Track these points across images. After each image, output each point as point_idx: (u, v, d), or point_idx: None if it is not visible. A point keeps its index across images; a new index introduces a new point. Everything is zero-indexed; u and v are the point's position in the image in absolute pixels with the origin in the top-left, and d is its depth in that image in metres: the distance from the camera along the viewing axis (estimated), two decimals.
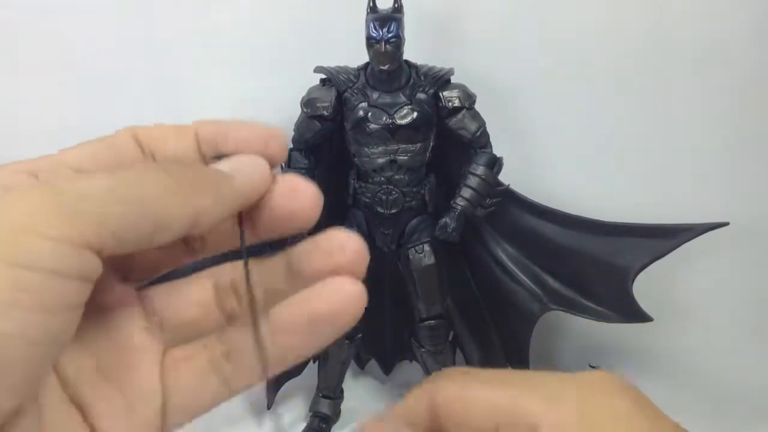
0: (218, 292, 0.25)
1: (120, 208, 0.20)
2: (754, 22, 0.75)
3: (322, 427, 0.73)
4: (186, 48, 0.77)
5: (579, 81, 0.77)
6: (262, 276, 0.26)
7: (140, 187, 0.21)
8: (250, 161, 0.25)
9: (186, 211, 0.22)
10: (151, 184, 0.21)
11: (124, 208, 0.20)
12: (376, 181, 0.66)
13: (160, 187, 0.21)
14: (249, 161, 0.25)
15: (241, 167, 0.24)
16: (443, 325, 0.71)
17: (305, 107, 0.66)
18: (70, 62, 0.76)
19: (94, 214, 0.19)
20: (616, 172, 0.79)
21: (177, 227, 0.22)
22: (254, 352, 0.24)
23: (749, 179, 0.79)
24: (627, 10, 0.75)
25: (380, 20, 0.61)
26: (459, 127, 0.66)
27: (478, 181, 0.66)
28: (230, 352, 0.24)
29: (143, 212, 0.21)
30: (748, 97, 0.77)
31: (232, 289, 0.26)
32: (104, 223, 0.19)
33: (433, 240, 0.69)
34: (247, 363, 0.24)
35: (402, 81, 0.64)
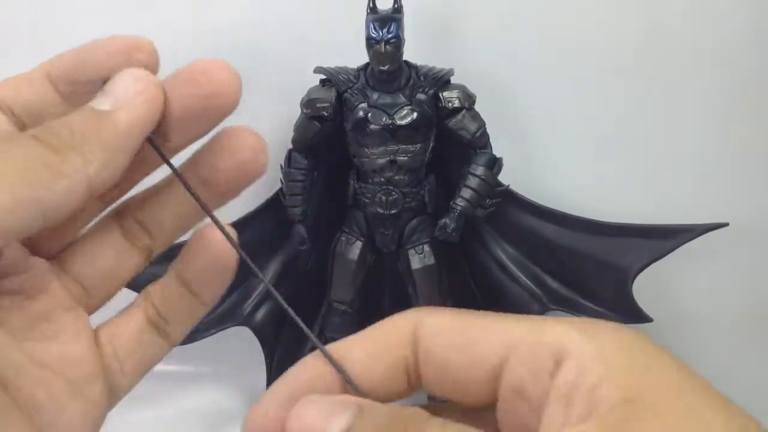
0: (126, 234, 0.25)
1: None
2: (754, 22, 0.75)
3: None
4: (186, 48, 0.77)
5: (579, 81, 0.77)
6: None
7: (6, 175, 0.18)
8: (129, 81, 0.22)
9: (72, 184, 0.19)
10: (17, 166, 0.18)
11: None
12: (375, 181, 0.66)
13: (29, 168, 0.19)
14: (127, 82, 0.22)
15: (121, 94, 0.21)
16: None
17: (305, 108, 0.66)
18: None
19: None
20: (616, 172, 0.79)
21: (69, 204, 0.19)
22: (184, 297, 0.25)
23: (749, 179, 0.79)
24: (627, 11, 0.75)
25: (380, 21, 0.61)
26: (459, 128, 0.66)
27: (478, 182, 0.66)
28: (162, 304, 0.25)
29: (17, 204, 0.18)
30: (748, 97, 0.77)
31: (138, 225, 0.25)
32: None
33: (432, 240, 0.69)
34: (180, 308, 0.25)
35: (402, 81, 0.64)
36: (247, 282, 0.73)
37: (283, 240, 0.72)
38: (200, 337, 0.71)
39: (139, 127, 0.21)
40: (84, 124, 0.21)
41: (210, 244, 0.24)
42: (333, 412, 0.21)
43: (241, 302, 0.73)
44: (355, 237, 0.70)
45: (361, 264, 0.70)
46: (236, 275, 0.29)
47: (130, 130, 0.21)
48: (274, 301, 0.74)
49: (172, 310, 0.25)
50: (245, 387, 0.79)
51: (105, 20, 0.76)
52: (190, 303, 0.25)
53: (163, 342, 0.26)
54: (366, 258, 0.70)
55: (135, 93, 0.22)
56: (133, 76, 0.22)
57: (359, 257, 0.70)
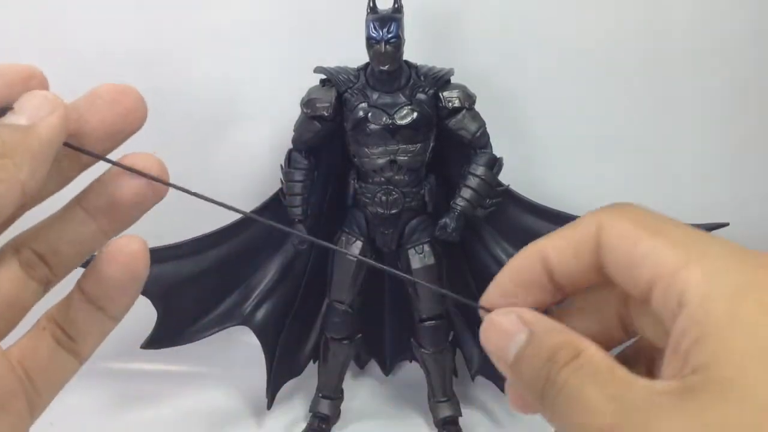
0: (24, 266, 0.26)
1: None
2: (754, 22, 0.75)
3: (322, 427, 0.73)
4: (185, 48, 0.77)
5: (579, 81, 0.77)
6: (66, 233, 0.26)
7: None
8: (39, 101, 0.24)
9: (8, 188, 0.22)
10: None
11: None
12: (376, 181, 0.66)
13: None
14: (38, 102, 0.24)
15: (35, 112, 0.24)
16: (443, 326, 0.71)
17: (305, 108, 0.66)
18: (68, 61, 0.76)
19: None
20: (616, 172, 0.79)
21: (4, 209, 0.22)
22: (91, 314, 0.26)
23: (749, 179, 0.79)
24: (627, 11, 0.75)
25: (380, 20, 0.61)
26: (459, 128, 0.66)
27: (478, 182, 0.66)
28: (68, 324, 0.26)
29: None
30: (748, 97, 0.77)
31: (37, 256, 0.26)
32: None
33: (433, 240, 0.69)
34: (87, 325, 0.26)
35: (402, 81, 0.64)
36: (247, 282, 0.73)
37: (283, 240, 0.72)
38: (200, 337, 0.71)
39: (57, 137, 0.24)
40: (11, 135, 0.23)
41: (119, 255, 0.25)
42: (514, 332, 0.24)
43: (241, 302, 0.73)
44: (355, 237, 0.70)
45: (361, 264, 0.70)
46: (236, 276, 0.29)
47: (50, 141, 0.24)
48: (275, 301, 0.74)
49: (79, 328, 0.26)
50: (245, 387, 0.79)
51: (104, 20, 0.76)
52: (98, 319, 0.26)
53: (73, 359, 0.26)
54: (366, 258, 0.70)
55: (48, 111, 0.24)
56: (42, 96, 0.24)
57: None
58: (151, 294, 0.66)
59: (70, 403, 0.72)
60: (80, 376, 0.28)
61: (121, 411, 0.77)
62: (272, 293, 0.73)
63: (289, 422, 0.76)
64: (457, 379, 0.77)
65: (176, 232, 0.66)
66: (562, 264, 0.25)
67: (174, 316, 0.68)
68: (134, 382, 0.80)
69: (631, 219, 0.24)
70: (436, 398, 0.73)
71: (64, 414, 0.69)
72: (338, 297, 0.71)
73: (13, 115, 0.24)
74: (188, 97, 0.78)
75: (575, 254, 0.24)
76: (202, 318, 0.71)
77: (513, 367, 0.23)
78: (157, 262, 0.65)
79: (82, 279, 0.26)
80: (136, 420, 0.76)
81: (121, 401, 0.78)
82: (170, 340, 0.70)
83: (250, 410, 0.77)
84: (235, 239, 0.69)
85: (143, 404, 0.78)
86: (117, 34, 0.76)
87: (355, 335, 0.73)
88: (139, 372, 0.81)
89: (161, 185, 0.27)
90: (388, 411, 0.78)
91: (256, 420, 0.76)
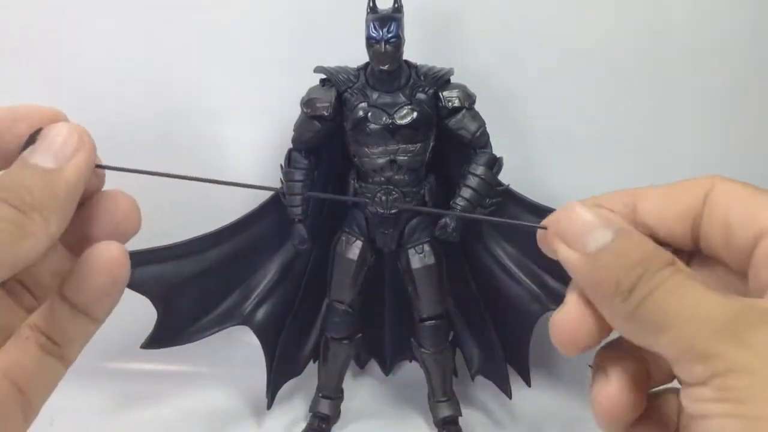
0: (10, 293, 0.26)
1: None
2: (753, 22, 0.75)
3: (322, 427, 0.73)
4: (185, 48, 0.77)
5: (579, 81, 0.77)
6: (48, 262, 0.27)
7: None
8: (65, 136, 0.24)
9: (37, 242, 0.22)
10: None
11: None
12: (376, 181, 0.66)
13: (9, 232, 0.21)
14: (63, 138, 0.24)
15: (60, 150, 0.24)
16: (443, 325, 0.71)
17: (305, 107, 0.66)
18: (69, 61, 0.76)
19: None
20: (616, 172, 0.79)
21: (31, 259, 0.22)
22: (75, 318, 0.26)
23: (749, 179, 0.79)
24: (627, 11, 0.75)
25: (380, 20, 0.61)
26: (459, 127, 0.66)
27: (478, 181, 0.66)
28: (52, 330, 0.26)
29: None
30: (748, 97, 0.77)
31: (20, 285, 0.27)
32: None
33: (433, 240, 0.69)
34: (72, 330, 0.26)
35: (402, 81, 0.64)
36: (247, 282, 0.73)
37: (283, 240, 0.72)
38: (200, 337, 0.71)
39: (83, 179, 0.24)
40: (39, 183, 0.23)
41: (99, 261, 0.25)
42: (598, 225, 0.24)
43: (241, 302, 0.73)
44: (355, 237, 0.70)
45: (361, 264, 0.70)
46: (236, 276, 0.29)
47: (77, 184, 0.24)
48: (275, 301, 0.74)
49: (64, 334, 0.26)
50: (245, 387, 0.79)
51: (104, 20, 0.76)
52: (82, 323, 0.26)
53: (59, 365, 0.26)
54: (366, 258, 0.70)
55: (74, 148, 0.24)
56: (68, 131, 0.24)
57: (359, 257, 0.70)
58: (151, 294, 0.66)
59: (70, 403, 0.72)
60: (80, 376, 0.28)
61: (121, 411, 0.77)
62: (272, 293, 0.73)
63: (289, 422, 0.76)
64: (457, 379, 0.77)
65: (177, 232, 0.66)
66: (654, 214, 0.25)
67: (174, 316, 0.68)
68: (134, 382, 0.80)
69: (740, 183, 0.26)
70: (436, 398, 0.73)
71: (64, 414, 0.69)
72: (338, 297, 0.71)
73: (39, 153, 0.24)
74: (188, 97, 0.78)
75: (673, 203, 0.25)
76: (202, 318, 0.71)
77: (592, 257, 0.24)
78: (157, 262, 0.65)
79: (63, 286, 0.26)
80: (136, 420, 0.76)
81: (121, 401, 0.78)
82: (170, 340, 0.70)
83: (250, 410, 0.77)
84: (235, 239, 0.69)
85: (143, 404, 0.78)
86: (117, 35, 0.76)
87: (355, 335, 0.73)
88: (139, 372, 0.81)
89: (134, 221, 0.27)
90: (388, 411, 0.78)
91: (256, 420, 0.76)
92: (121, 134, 0.72)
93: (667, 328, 0.21)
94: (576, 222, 0.25)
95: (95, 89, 0.75)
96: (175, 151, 0.77)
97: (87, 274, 0.25)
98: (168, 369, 0.81)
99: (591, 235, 0.24)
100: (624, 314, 0.22)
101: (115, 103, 0.75)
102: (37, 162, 0.23)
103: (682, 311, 0.21)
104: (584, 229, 0.24)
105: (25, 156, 0.24)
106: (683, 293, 0.21)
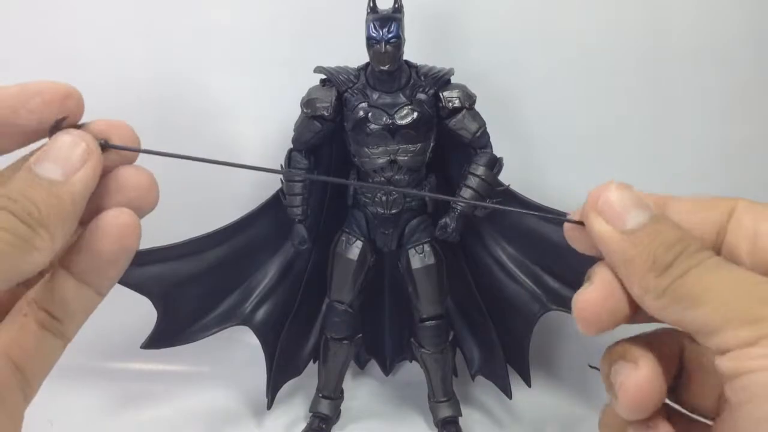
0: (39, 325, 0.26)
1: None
2: (753, 22, 0.75)
3: (322, 427, 0.73)
4: (186, 48, 0.77)
5: (579, 81, 0.77)
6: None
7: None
8: (72, 146, 0.24)
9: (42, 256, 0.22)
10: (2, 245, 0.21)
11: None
12: (376, 181, 0.66)
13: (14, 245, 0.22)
14: (70, 148, 0.24)
15: (67, 162, 0.24)
16: (443, 325, 0.71)
17: (305, 107, 0.66)
18: (69, 61, 0.76)
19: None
20: (616, 172, 0.78)
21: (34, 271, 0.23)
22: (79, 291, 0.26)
23: (749, 179, 0.79)
24: (627, 11, 0.75)
25: (380, 20, 0.61)
26: (459, 128, 0.66)
27: (478, 182, 0.66)
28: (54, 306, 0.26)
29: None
30: (748, 97, 0.77)
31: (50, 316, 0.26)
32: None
33: (433, 240, 0.69)
34: (75, 303, 0.26)
35: (402, 81, 0.64)
36: (247, 282, 0.73)
37: (283, 240, 0.72)
38: (200, 337, 0.71)
39: (90, 189, 0.24)
40: (46, 198, 0.23)
41: (111, 229, 0.25)
42: (636, 205, 0.25)
43: (241, 302, 0.72)
44: (355, 237, 0.70)
45: (361, 264, 0.70)
46: (236, 276, 0.29)
47: (83, 196, 0.24)
48: (275, 301, 0.74)
49: (66, 308, 0.26)
50: (245, 387, 0.79)
51: (104, 20, 0.76)
52: (85, 295, 0.26)
53: (59, 341, 0.26)
54: (366, 258, 0.70)
55: (80, 159, 0.24)
56: (75, 140, 0.24)
57: (359, 257, 0.70)
58: (151, 294, 0.66)
59: (70, 403, 0.73)
60: (80, 376, 0.28)
61: (121, 411, 0.77)
62: (272, 293, 0.73)
63: (289, 422, 0.76)
64: (457, 379, 0.77)
65: (177, 232, 0.66)
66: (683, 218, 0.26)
67: (174, 316, 0.68)
68: (134, 382, 0.80)
69: (763, 203, 0.26)
70: (436, 398, 0.73)
71: (64, 414, 0.69)
72: (338, 297, 0.71)
73: (46, 163, 0.24)
74: (188, 97, 0.78)
75: (702, 211, 0.27)
76: (202, 318, 0.71)
77: (629, 234, 0.25)
78: (157, 262, 0.65)
79: (67, 257, 0.26)
80: (136, 420, 0.76)
81: (121, 401, 0.78)
82: (170, 340, 0.70)
83: (250, 410, 0.77)
84: (235, 239, 0.69)
85: (143, 404, 0.78)
86: (118, 35, 0.76)
87: (355, 335, 0.73)
88: (139, 372, 0.81)
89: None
90: (388, 411, 0.78)
91: (256, 420, 0.76)
92: None
93: (706, 301, 0.23)
94: (616, 200, 0.26)
95: (95, 89, 0.75)
96: (175, 150, 0.77)
97: (95, 240, 0.25)
98: (168, 369, 0.81)
99: (629, 214, 0.25)
100: (658, 289, 0.24)
101: (114, 103, 0.75)
102: (44, 173, 0.23)
103: (723, 285, 0.23)
104: (623, 207, 0.25)
105: (32, 165, 0.24)
106: (724, 271, 0.23)
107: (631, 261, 0.24)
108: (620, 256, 0.25)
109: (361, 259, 0.70)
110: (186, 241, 0.67)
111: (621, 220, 0.25)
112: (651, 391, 0.25)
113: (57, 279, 0.26)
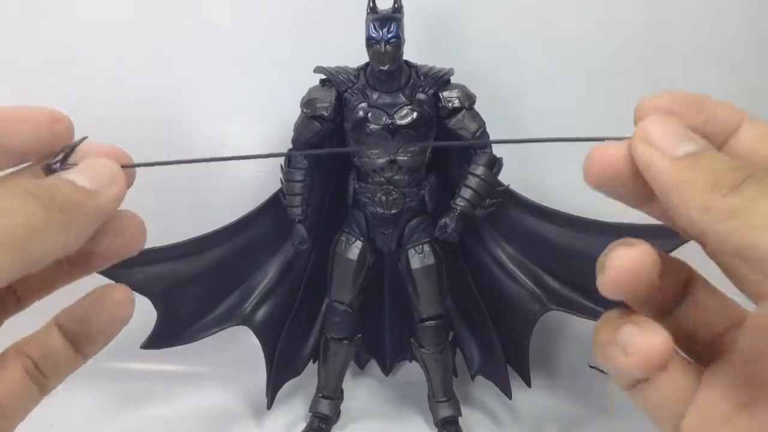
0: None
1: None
2: (753, 22, 0.75)
3: (321, 427, 0.73)
4: (186, 48, 0.77)
5: (579, 81, 0.77)
6: None
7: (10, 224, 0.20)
8: (104, 169, 0.25)
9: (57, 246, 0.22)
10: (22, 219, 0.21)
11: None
12: (375, 181, 0.66)
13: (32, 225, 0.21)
14: (102, 169, 0.24)
15: (97, 178, 0.24)
16: (443, 325, 0.71)
17: (305, 108, 0.66)
18: (69, 61, 0.76)
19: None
20: None
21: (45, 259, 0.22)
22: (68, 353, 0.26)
23: None
24: (627, 11, 0.75)
25: (380, 20, 0.61)
26: (459, 128, 0.66)
27: (478, 182, 0.66)
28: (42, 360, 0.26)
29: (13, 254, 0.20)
30: (748, 97, 0.77)
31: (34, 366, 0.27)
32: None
33: (432, 240, 0.69)
34: (61, 363, 0.26)
35: (402, 81, 0.64)
36: (247, 282, 0.73)
37: (283, 240, 0.72)
38: (200, 337, 0.71)
39: (113, 209, 0.24)
40: (74, 194, 0.23)
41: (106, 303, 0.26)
42: (687, 137, 0.25)
43: (241, 302, 0.73)
44: (355, 237, 0.70)
45: (361, 264, 0.70)
46: (236, 276, 0.29)
47: (106, 211, 0.24)
48: (275, 301, 0.74)
49: (53, 365, 0.26)
50: (245, 387, 0.79)
51: (104, 20, 0.76)
52: (72, 358, 0.26)
53: (38, 394, 0.27)
54: (366, 258, 0.70)
55: (108, 180, 0.24)
56: (104, 164, 0.25)
57: (359, 257, 0.70)
58: (151, 294, 0.66)
59: (70, 403, 0.73)
60: (80, 376, 0.28)
61: (121, 411, 0.77)
62: (272, 293, 0.73)
63: (289, 422, 0.76)
64: (457, 379, 0.77)
65: (177, 232, 0.66)
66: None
67: (174, 316, 0.68)
68: (134, 382, 0.80)
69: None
70: (436, 398, 0.73)
71: (64, 414, 0.69)
72: (338, 297, 0.71)
73: (76, 173, 0.24)
74: (188, 97, 0.78)
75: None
76: (202, 318, 0.71)
77: (685, 159, 0.24)
78: (158, 262, 0.65)
79: (63, 317, 0.26)
80: (136, 420, 0.76)
81: (121, 401, 0.78)
82: (170, 340, 0.70)
83: (250, 410, 0.77)
84: (235, 239, 0.69)
85: (143, 404, 0.78)
86: (116, 35, 0.76)
87: (355, 335, 0.73)
88: (139, 372, 0.81)
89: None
90: (388, 411, 0.79)
91: (256, 420, 0.76)
92: (121, 134, 0.71)
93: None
94: (667, 127, 0.25)
95: (95, 89, 0.75)
96: (175, 151, 0.77)
97: (91, 312, 0.26)
98: (168, 369, 0.81)
99: (682, 142, 0.24)
100: (724, 210, 0.22)
101: (114, 103, 0.75)
102: (74, 179, 0.24)
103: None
104: (675, 135, 0.25)
105: (61, 173, 0.24)
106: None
107: (690, 182, 0.23)
108: (678, 177, 0.23)
109: (361, 259, 0.70)
110: (186, 241, 0.67)
111: (671, 147, 0.24)
112: (640, 268, 0.25)
113: (50, 336, 0.26)
